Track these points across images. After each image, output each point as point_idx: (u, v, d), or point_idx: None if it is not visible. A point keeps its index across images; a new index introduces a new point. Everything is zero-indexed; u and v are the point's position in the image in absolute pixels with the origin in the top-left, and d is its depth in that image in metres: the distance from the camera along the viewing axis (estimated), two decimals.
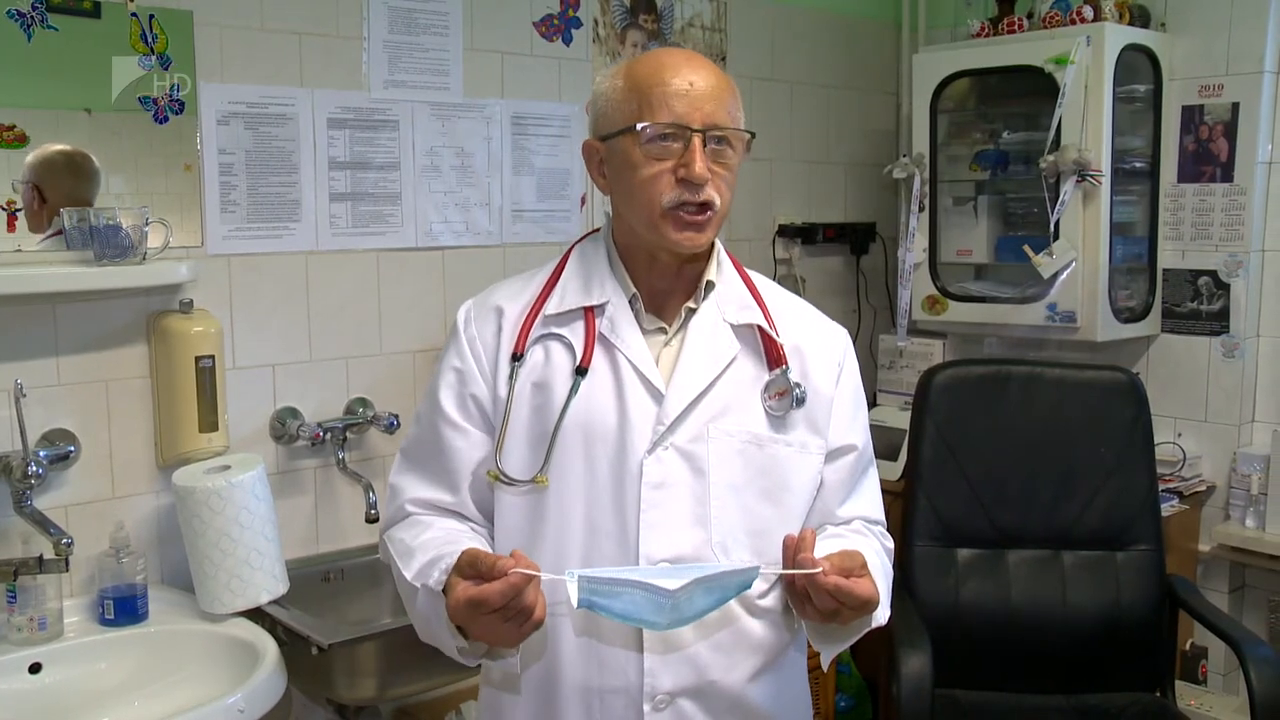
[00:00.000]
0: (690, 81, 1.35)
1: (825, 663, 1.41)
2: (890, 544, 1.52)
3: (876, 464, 1.58)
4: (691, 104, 1.34)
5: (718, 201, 1.36)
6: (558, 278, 1.47)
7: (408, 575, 1.33)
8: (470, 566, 1.22)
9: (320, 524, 2.39)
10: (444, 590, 1.26)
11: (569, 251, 1.50)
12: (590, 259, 1.47)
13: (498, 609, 1.19)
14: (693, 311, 1.43)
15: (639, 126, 1.34)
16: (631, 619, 1.22)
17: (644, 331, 1.42)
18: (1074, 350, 3.09)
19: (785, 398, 1.41)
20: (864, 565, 1.28)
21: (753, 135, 1.40)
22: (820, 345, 1.49)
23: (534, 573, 1.19)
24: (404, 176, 2.46)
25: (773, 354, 1.44)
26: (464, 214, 2.56)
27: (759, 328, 1.44)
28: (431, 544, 1.35)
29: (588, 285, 1.44)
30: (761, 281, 1.53)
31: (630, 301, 1.43)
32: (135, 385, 2.11)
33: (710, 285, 1.44)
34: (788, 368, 1.42)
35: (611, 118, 1.39)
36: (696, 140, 1.33)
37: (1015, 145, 3.12)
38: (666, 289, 1.44)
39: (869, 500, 1.52)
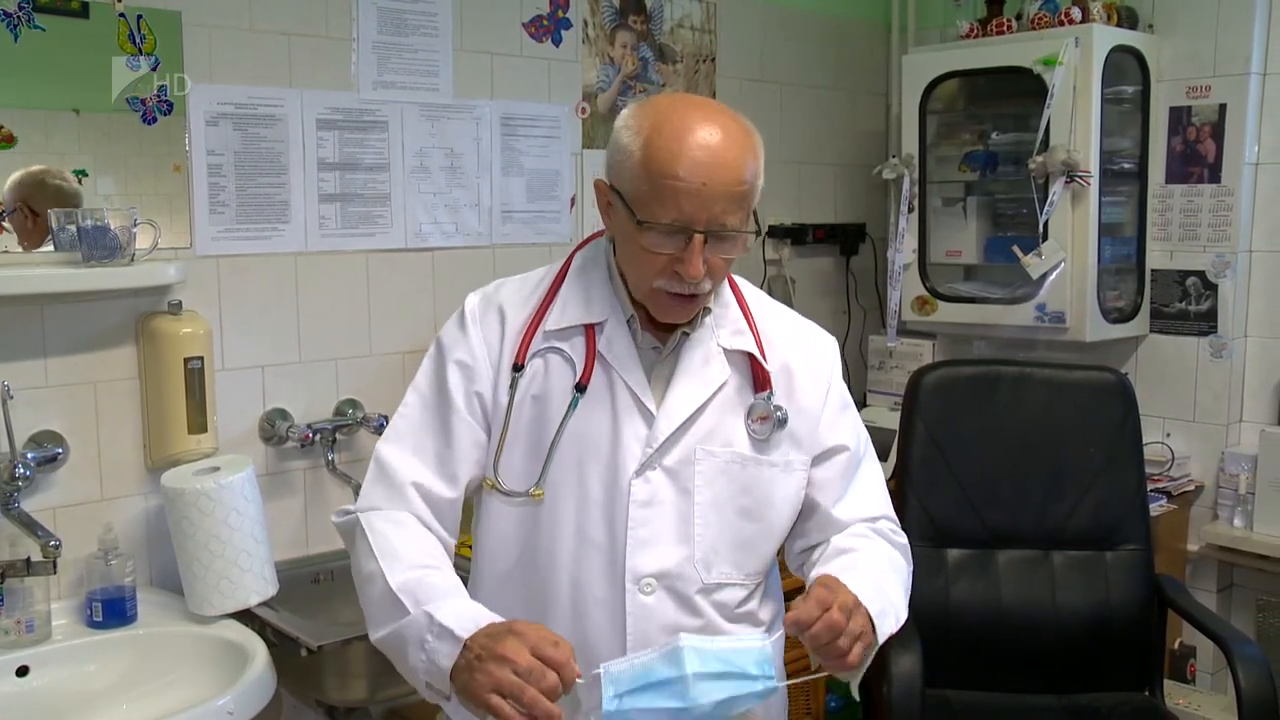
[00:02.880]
0: (704, 181, 1.29)
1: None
2: (902, 539, 1.53)
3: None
4: (700, 205, 1.29)
5: (708, 288, 1.37)
6: (558, 289, 1.47)
7: (391, 582, 1.31)
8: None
9: (310, 525, 2.38)
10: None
11: (569, 260, 1.50)
12: (590, 274, 1.47)
13: (519, 671, 1.16)
14: (687, 335, 1.45)
15: (641, 222, 1.32)
16: None
17: (639, 350, 1.43)
18: (1063, 350, 3.10)
19: (767, 422, 1.45)
20: (839, 589, 1.30)
21: (759, 233, 1.39)
22: (808, 363, 1.51)
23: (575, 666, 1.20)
24: (393, 177, 2.45)
25: (759, 379, 1.46)
26: (453, 215, 2.56)
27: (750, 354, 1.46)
28: (418, 558, 1.34)
29: (588, 301, 1.44)
30: (753, 296, 1.55)
31: (628, 321, 1.44)
32: (124, 387, 2.11)
33: (707, 310, 1.46)
34: (771, 393, 1.45)
35: (621, 179, 1.36)
36: (697, 240, 1.31)
37: (1004, 146, 3.13)
38: None
39: (869, 498, 1.53)
